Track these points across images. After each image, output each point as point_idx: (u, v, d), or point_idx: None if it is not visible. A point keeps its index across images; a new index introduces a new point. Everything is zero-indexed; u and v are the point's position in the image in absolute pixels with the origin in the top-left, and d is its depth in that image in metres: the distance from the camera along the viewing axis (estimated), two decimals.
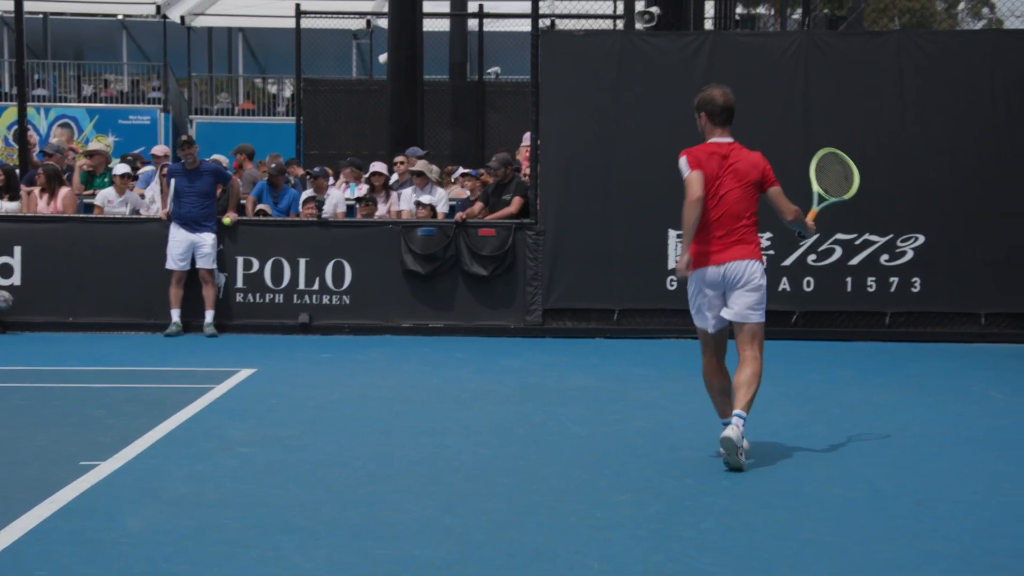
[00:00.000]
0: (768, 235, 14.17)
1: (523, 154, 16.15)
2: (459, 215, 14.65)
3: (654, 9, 15.11)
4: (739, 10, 23.83)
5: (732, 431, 7.48)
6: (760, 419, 9.04)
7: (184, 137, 14.82)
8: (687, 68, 14.22)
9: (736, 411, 7.64)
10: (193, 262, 14.22)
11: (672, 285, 14.27)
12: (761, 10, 37.25)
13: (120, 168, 15.62)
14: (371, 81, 26.47)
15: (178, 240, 14.17)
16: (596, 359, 12.87)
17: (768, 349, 8.17)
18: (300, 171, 19.12)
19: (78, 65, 36.76)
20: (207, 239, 14.20)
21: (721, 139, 8.67)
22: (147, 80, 37.32)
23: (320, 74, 27.95)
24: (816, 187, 8.71)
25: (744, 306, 7.99)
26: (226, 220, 14.41)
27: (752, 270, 8.00)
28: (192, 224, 14.20)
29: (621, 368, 12.25)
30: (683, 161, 8.47)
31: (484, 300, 14.54)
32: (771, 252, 14.21)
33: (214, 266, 14.26)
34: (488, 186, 15.22)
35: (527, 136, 15.83)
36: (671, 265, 14.23)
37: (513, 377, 11.57)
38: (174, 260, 14.15)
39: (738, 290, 7.96)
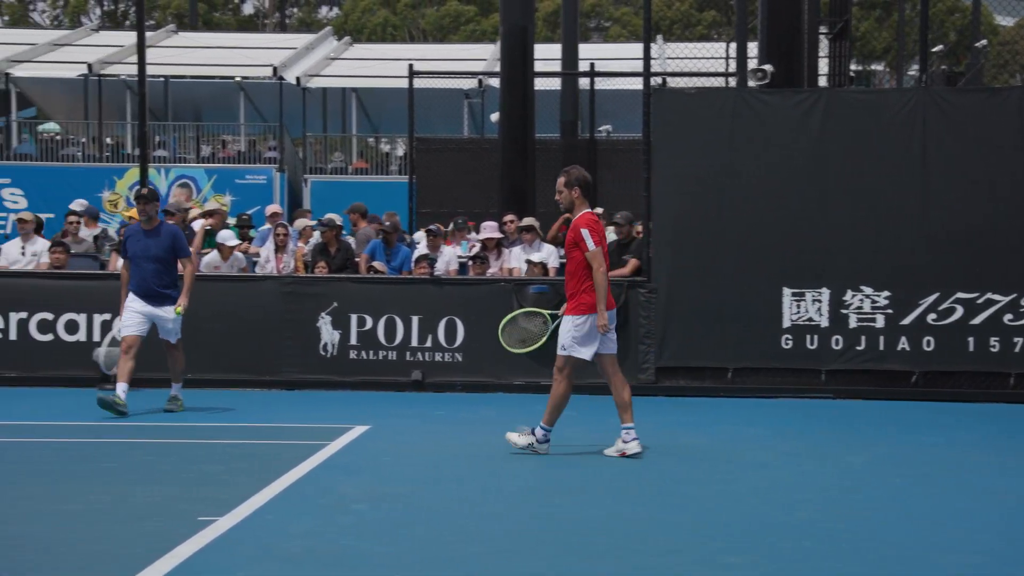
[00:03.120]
0: (886, 294, 13.98)
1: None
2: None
3: (767, 67, 15.05)
4: (853, 67, 23.66)
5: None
6: (874, 480, 8.86)
7: (144, 190, 12.69)
8: (801, 125, 14.13)
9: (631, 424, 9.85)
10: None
11: (788, 343, 14.11)
12: (877, 67, 36.94)
13: (227, 237, 15.77)
14: (483, 140, 26.68)
15: (134, 310, 12.32)
16: (709, 418, 12.74)
17: (885, 410, 8.05)
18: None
19: (197, 126, 37.61)
20: (168, 313, 12.41)
21: (591, 211, 10.07)
22: (263, 140, 38.05)
23: (432, 133, 28.24)
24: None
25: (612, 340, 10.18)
26: (177, 309, 12.40)
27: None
28: (150, 297, 12.35)
29: (734, 427, 12.11)
30: (587, 234, 9.83)
31: None
32: (889, 311, 14.00)
33: (179, 336, 12.62)
34: (611, 243, 15.23)
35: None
36: (786, 324, 14.09)
37: None
38: (126, 326, 12.35)
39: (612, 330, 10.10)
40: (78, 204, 18.57)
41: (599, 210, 17.10)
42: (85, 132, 36.99)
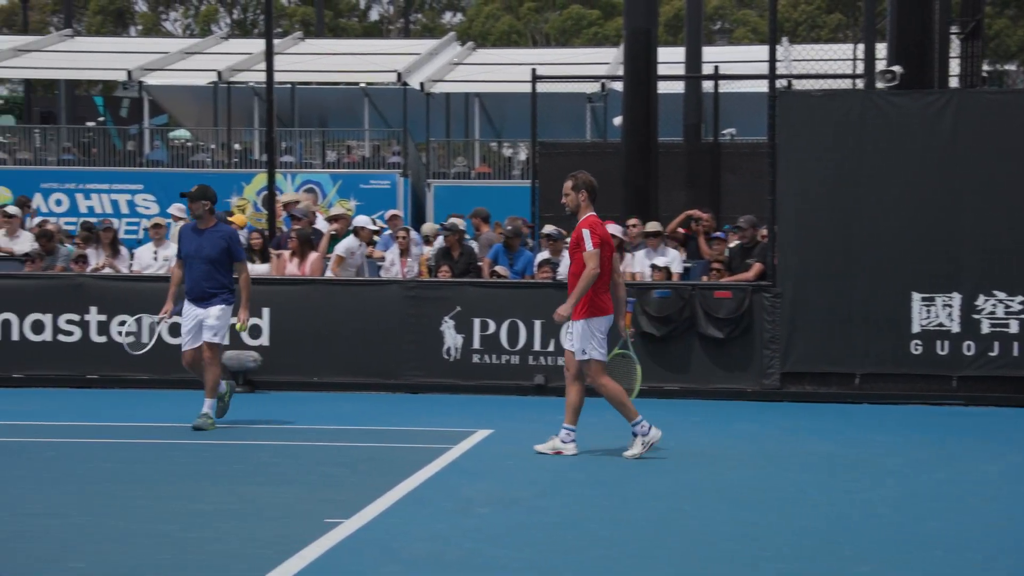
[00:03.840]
0: (1020, 299, 13.67)
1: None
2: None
3: (896, 68, 14.77)
4: (986, 67, 23.13)
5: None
6: (1009, 489, 8.65)
7: (194, 189, 11.89)
8: (932, 127, 13.87)
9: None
10: None
11: (917, 349, 13.85)
12: (1010, 67, 36.08)
13: (365, 222, 16.37)
14: (605, 144, 26.60)
15: (187, 315, 11.70)
16: (836, 424, 12.55)
17: (1020, 417, 7.89)
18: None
19: (322, 132, 38.10)
20: (213, 311, 11.55)
21: (595, 214, 10.16)
22: (387, 146, 38.40)
23: (555, 137, 28.23)
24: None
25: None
26: (239, 326, 11.78)
27: None
28: (200, 299, 11.64)
29: (862, 434, 11.92)
30: (588, 234, 9.93)
31: (720, 363, 14.37)
32: (1023, 316, 13.67)
33: (220, 341, 11.63)
34: (735, 247, 15.12)
35: None
36: (915, 329, 13.83)
37: (749, 441, 11.37)
38: (184, 341, 11.75)
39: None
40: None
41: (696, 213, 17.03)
42: (214, 139, 37.72)
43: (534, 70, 22.39)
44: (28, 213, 18.76)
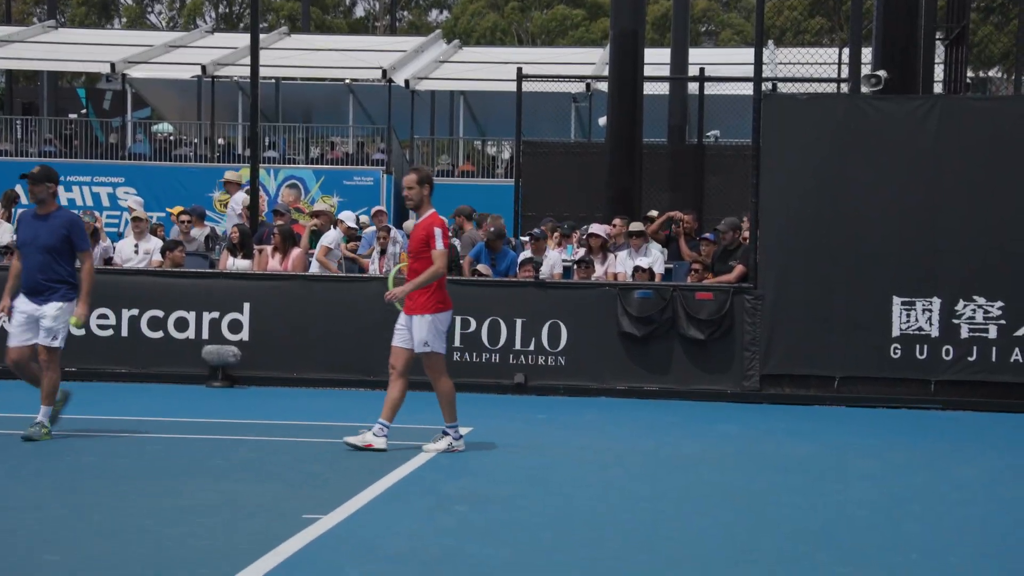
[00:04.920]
0: (1000, 304, 13.72)
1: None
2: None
3: (881, 72, 14.82)
4: (970, 73, 23.18)
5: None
6: (986, 493, 8.67)
7: (36, 170, 10.60)
8: (916, 132, 13.92)
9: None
10: None
11: (896, 353, 13.89)
12: (993, 73, 36.16)
13: (348, 217, 16.98)
14: (590, 144, 26.60)
15: (18, 309, 10.43)
16: (815, 427, 12.58)
17: (997, 422, 7.92)
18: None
19: (307, 128, 38.01)
20: (49, 309, 10.34)
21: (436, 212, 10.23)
22: (371, 142, 38.33)
23: (539, 136, 28.23)
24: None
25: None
26: (73, 320, 10.42)
27: None
28: (35, 293, 10.38)
29: (841, 437, 11.95)
30: (439, 233, 10.03)
31: (700, 364, 14.39)
32: (1002, 322, 13.73)
33: (59, 345, 10.40)
34: (716, 250, 15.15)
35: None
36: (895, 333, 13.87)
37: (729, 443, 11.39)
38: (11, 336, 10.50)
39: None
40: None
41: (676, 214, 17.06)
42: (197, 132, 37.59)
43: (519, 69, 22.42)
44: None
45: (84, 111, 41.38)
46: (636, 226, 15.83)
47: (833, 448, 11.19)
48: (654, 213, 17.89)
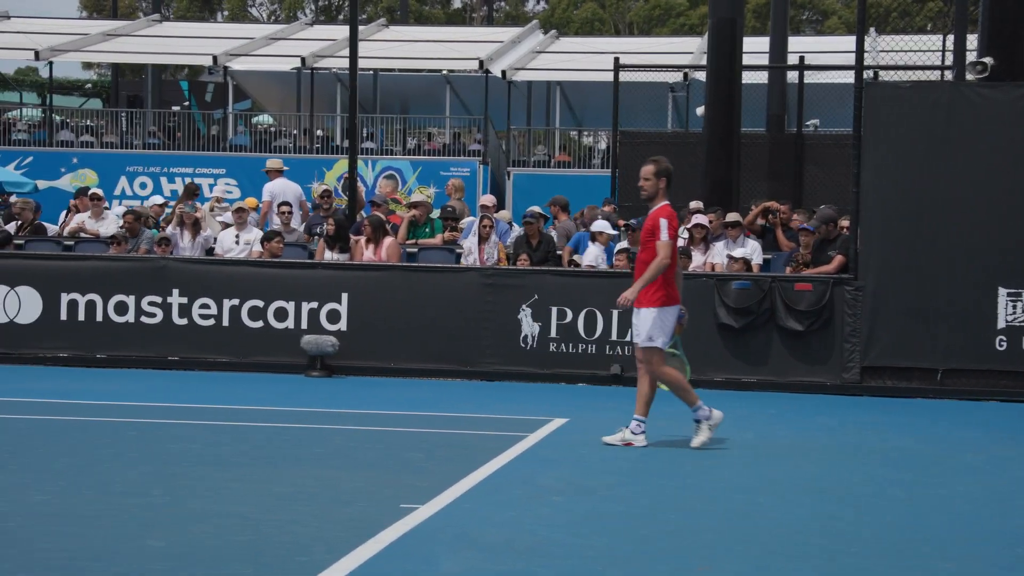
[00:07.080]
0: None
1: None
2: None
3: (987, 59, 14.52)
4: None
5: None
6: None
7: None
8: (1022, 120, 13.62)
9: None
10: None
11: (1002, 345, 13.63)
12: None
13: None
14: (687, 133, 26.45)
15: None
16: (917, 420, 12.40)
17: None
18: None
19: (404, 119, 38.22)
20: None
21: (670, 204, 10.03)
22: (468, 133, 38.44)
23: (636, 126, 28.10)
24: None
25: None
26: None
27: None
28: None
29: (944, 430, 11.76)
30: (665, 224, 9.80)
31: (799, 356, 14.24)
32: None
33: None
34: (814, 241, 14.98)
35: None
36: (1000, 324, 13.61)
37: (829, 435, 11.26)
38: None
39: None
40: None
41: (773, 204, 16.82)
42: (297, 124, 37.97)
43: (616, 59, 22.33)
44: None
45: (187, 103, 42.03)
46: (732, 217, 15.70)
47: (936, 441, 11.02)
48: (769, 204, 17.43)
